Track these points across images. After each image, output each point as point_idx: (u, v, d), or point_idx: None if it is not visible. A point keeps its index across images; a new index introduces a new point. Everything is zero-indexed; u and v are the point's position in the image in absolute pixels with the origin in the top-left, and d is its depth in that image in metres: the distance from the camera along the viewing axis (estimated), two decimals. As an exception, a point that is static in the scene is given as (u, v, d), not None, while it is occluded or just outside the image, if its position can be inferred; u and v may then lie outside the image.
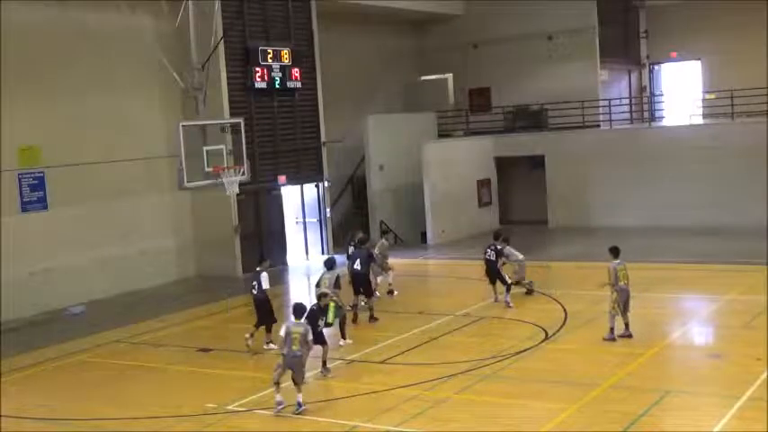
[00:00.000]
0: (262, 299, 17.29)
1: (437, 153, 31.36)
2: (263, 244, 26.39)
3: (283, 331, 13.69)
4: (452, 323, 18.64)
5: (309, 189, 29.43)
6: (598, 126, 33.63)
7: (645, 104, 37.81)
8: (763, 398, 12.74)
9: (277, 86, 27.38)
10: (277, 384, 13.54)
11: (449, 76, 36.89)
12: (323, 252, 28.76)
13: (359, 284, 19.31)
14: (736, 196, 28.68)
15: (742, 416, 12.27)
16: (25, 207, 22.57)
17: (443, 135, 35.14)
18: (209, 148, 20.51)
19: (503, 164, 34.07)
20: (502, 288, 19.89)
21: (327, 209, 29.62)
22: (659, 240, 27.61)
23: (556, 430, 12.20)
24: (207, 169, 20.24)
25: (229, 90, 26.01)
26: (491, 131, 34.59)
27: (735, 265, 22.99)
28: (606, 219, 30.88)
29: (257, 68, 26.66)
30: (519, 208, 34.63)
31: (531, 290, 20.78)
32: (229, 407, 14.01)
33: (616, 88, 37.19)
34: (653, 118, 35.52)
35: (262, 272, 17.40)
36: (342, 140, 31.18)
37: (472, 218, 32.03)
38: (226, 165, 20.83)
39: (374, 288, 20.19)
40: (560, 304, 19.47)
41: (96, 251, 24.04)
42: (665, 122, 35.38)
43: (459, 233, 30.95)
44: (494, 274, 19.93)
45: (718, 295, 19.94)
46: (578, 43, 34.32)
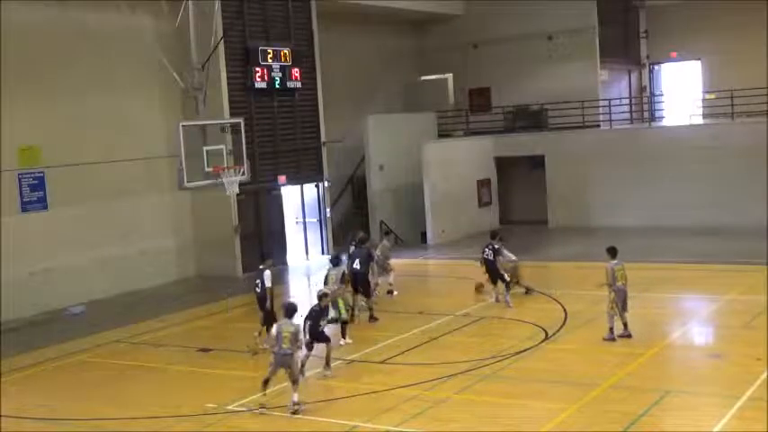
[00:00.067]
0: (264, 297, 17.31)
1: (437, 153, 31.34)
2: (263, 244, 26.36)
3: (275, 330, 13.75)
4: (452, 323, 18.64)
5: (309, 189, 29.41)
6: (598, 126, 33.61)
7: (645, 104, 37.78)
8: (763, 398, 12.74)
9: (277, 86, 27.37)
10: (265, 383, 13.57)
11: (449, 76, 36.86)
12: (323, 252, 28.77)
13: (358, 284, 19.38)
14: (736, 196, 28.66)
15: (742, 416, 12.26)
16: (25, 207, 22.57)
17: (443, 135, 35.13)
18: (209, 148, 20.50)
19: (503, 164, 34.06)
20: (502, 288, 19.90)
21: (327, 209, 29.60)
22: (659, 240, 27.60)
23: (556, 430, 12.20)
24: (207, 169, 20.23)
25: (229, 90, 26.00)
26: (491, 131, 34.56)
27: (735, 265, 22.98)
28: (606, 219, 30.86)
29: (257, 68, 26.65)
30: (519, 208, 34.61)
31: (530, 289, 20.80)
32: (229, 407, 14.01)
33: (616, 88, 37.17)
34: (653, 118, 35.51)
35: (265, 270, 17.41)
36: (342, 140, 31.16)
37: (472, 218, 32.01)
38: (226, 165, 20.80)
39: (373, 288, 20.21)
40: (560, 304, 19.48)
41: (96, 251, 24.04)
42: (665, 122, 35.35)
43: (459, 233, 30.94)
44: (494, 273, 19.93)
45: (718, 295, 19.93)
46: (578, 43, 34.30)
